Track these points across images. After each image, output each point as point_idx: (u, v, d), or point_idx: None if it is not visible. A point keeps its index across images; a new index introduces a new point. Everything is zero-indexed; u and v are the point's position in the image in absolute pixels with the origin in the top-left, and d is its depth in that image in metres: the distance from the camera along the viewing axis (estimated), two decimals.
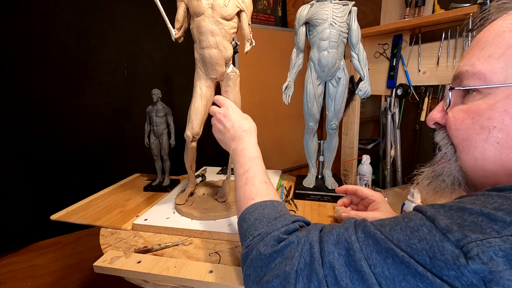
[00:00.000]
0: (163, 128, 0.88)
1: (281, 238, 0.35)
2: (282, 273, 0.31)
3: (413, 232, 0.26)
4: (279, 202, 0.44)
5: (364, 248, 0.27)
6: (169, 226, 0.66)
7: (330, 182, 0.86)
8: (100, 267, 0.53)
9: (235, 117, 0.57)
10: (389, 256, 0.25)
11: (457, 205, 0.26)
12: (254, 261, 0.35)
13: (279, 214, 0.41)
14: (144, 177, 1.04)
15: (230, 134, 0.56)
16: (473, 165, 0.33)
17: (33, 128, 0.96)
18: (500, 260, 0.20)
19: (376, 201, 0.62)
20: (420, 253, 0.24)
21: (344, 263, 0.28)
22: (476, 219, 0.24)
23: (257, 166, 0.49)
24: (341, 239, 0.30)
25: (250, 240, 0.38)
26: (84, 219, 0.72)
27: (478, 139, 0.32)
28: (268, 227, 0.38)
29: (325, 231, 0.33)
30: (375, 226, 0.29)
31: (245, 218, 0.42)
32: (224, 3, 0.61)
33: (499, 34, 0.32)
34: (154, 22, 1.15)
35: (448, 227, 0.24)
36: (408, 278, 0.24)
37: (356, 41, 0.76)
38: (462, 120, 0.34)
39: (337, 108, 0.80)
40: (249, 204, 0.43)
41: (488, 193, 0.26)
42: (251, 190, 0.45)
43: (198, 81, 0.69)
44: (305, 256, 0.31)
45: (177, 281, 0.50)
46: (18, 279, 1.01)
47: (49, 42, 0.96)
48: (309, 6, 0.76)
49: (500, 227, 0.22)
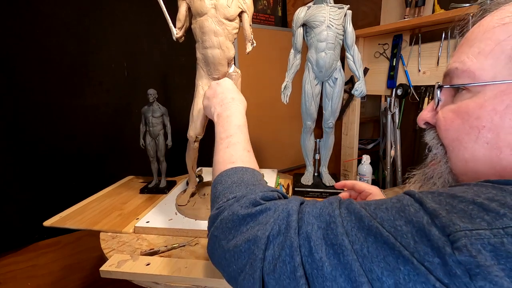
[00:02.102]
0: (159, 129, 0.87)
1: (258, 202, 0.33)
2: (253, 237, 0.29)
3: (399, 212, 0.24)
4: (260, 173, 0.42)
5: (346, 224, 0.26)
6: (173, 227, 0.66)
7: (327, 179, 0.89)
8: (108, 271, 0.52)
9: (227, 86, 0.55)
10: (371, 234, 0.24)
11: (448, 192, 0.24)
12: (225, 221, 0.33)
13: (258, 182, 0.38)
14: (139, 179, 1.02)
15: (219, 99, 0.53)
16: (464, 167, 0.32)
17: (33, 128, 0.96)
18: (488, 254, 0.19)
19: (373, 193, 0.63)
20: (405, 235, 0.22)
21: (322, 236, 0.26)
22: (466, 207, 0.22)
23: (242, 134, 0.46)
24: (324, 212, 0.28)
25: (223, 202, 0.35)
26: (80, 224, 0.71)
27: (467, 139, 0.31)
28: (246, 191, 0.35)
29: (308, 203, 0.31)
30: (360, 204, 0.28)
31: (222, 181, 0.39)
32: (227, 3, 0.61)
33: (488, 30, 0.31)
34: (154, 22, 1.15)
35: (436, 211, 0.22)
36: (389, 259, 0.22)
37: (351, 43, 0.79)
38: (451, 120, 0.33)
39: (334, 107, 0.83)
40: (228, 167, 0.40)
41: (481, 183, 0.25)
42: (232, 154, 0.43)
43: (200, 81, 0.69)
44: (281, 223, 0.29)
45: (189, 281, 0.50)
46: (18, 279, 1.01)
47: (49, 42, 0.96)
48: (306, 9, 0.78)
49: (491, 218, 0.21)
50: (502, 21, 0.30)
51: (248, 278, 0.28)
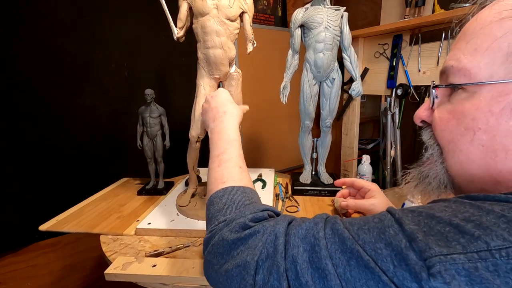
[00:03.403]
0: (157, 129, 0.86)
1: (247, 225, 0.33)
2: (243, 262, 0.29)
3: (380, 234, 0.24)
4: (252, 189, 0.42)
5: (330, 246, 0.26)
6: (175, 228, 0.65)
7: (325, 177, 0.90)
8: (113, 274, 0.51)
9: (221, 99, 0.56)
10: (353, 258, 0.24)
11: (427, 212, 0.24)
12: (216, 247, 0.33)
13: (249, 201, 0.38)
14: (135, 180, 1.01)
15: (212, 114, 0.54)
16: (459, 169, 0.31)
17: (33, 128, 0.96)
18: (462, 280, 0.19)
19: (371, 189, 0.65)
20: (385, 259, 0.23)
21: (308, 259, 0.26)
22: (443, 229, 0.22)
23: (234, 149, 0.46)
24: (309, 234, 0.28)
25: (215, 225, 0.36)
26: (79, 227, 0.70)
27: (463, 141, 0.30)
28: (236, 213, 0.35)
29: (294, 224, 0.31)
30: (344, 224, 0.28)
31: (214, 202, 0.39)
32: (229, 4, 0.61)
33: (485, 25, 0.29)
34: (154, 22, 1.15)
35: (414, 234, 0.22)
36: (370, 283, 0.23)
37: (348, 44, 0.81)
38: (447, 121, 0.32)
39: (332, 107, 0.85)
40: (219, 187, 0.41)
41: (461, 200, 0.25)
42: (223, 173, 0.43)
43: (202, 81, 0.69)
44: (268, 247, 0.29)
45: (198, 281, 0.50)
46: (18, 279, 1.00)
47: (49, 42, 0.96)
48: (304, 10, 0.79)
49: (466, 241, 0.21)
50: (499, 15, 0.28)
51: None
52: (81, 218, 0.74)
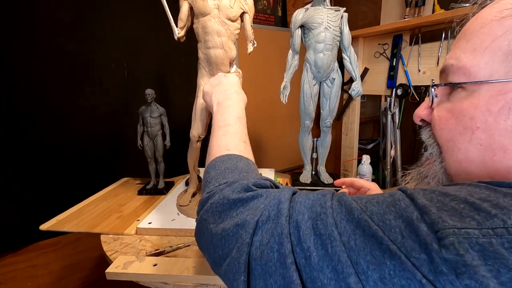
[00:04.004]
0: (157, 129, 0.86)
1: (250, 187, 0.32)
2: (241, 221, 0.28)
3: (389, 206, 0.24)
4: (254, 164, 0.41)
5: (336, 215, 0.25)
6: (176, 227, 0.65)
7: (325, 177, 0.91)
8: (114, 273, 0.51)
9: (234, 81, 0.55)
10: (359, 227, 0.23)
11: (440, 190, 0.24)
12: (215, 205, 0.32)
13: (252, 171, 0.38)
14: (135, 180, 1.02)
15: (222, 88, 0.53)
16: (458, 168, 0.31)
17: (33, 128, 0.96)
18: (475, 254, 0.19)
19: (371, 189, 0.63)
20: (393, 229, 0.22)
21: (311, 226, 0.25)
22: (457, 205, 0.21)
23: (241, 126, 0.46)
24: (316, 203, 0.27)
25: (215, 186, 0.34)
26: (79, 227, 0.70)
27: (461, 140, 0.30)
28: (239, 177, 0.35)
29: (300, 194, 0.30)
30: (352, 197, 0.27)
31: (215, 166, 0.38)
32: (230, 4, 0.62)
33: (485, 24, 0.29)
34: (154, 22, 1.15)
35: (426, 208, 0.22)
36: (376, 253, 0.22)
37: (348, 44, 0.81)
38: (446, 120, 0.32)
39: (332, 107, 0.85)
40: (223, 153, 0.40)
41: (476, 183, 0.24)
42: (228, 142, 0.42)
43: (202, 80, 0.69)
44: (271, 209, 0.28)
45: (199, 280, 0.50)
46: (18, 279, 1.00)
47: (49, 42, 0.96)
48: (304, 11, 0.80)
49: (482, 217, 0.20)
50: (500, 14, 0.28)
51: (233, 263, 0.27)
52: (81, 218, 0.74)
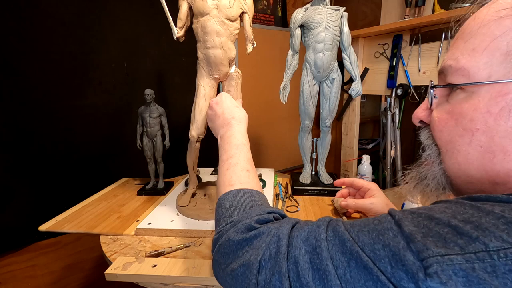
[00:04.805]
0: (157, 129, 0.86)
1: (253, 226, 0.34)
2: (246, 262, 0.30)
3: (379, 236, 0.25)
4: (259, 192, 0.43)
5: (331, 248, 0.26)
6: (176, 228, 0.65)
7: (325, 177, 0.90)
8: (114, 274, 0.51)
9: (227, 105, 0.57)
10: (352, 259, 0.25)
11: (426, 213, 0.25)
12: (223, 247, 0.34)
13: (255, 203, 0.40)
14: (134, 180, 1.01)
15: (220, 120, 0.56)
16: (457, 170, 0.31)
17: (33, 128, 0.96)
18: (459, 280, 0.19)
19: (371, 189, 0.65)
20: (383, 260, 0.23)
21: (309, 260, 0.27)
22: (442, 230, 0.22)
23: (242, 153, 0.48)
24: (311, 236, 0.29)
25: (222, 226, 0.37)
26: (79, 227, 0.70)
27: (461, 142, 0.30)
28: (242, 215, 0.37)
29: (298, 227, 0.32)
30: (345, 226, 0.28)
31: (222, 204, 0.41)
32: (229, 4, 0.62)
33: (483, 24, 0.28)
34: (154, 22, 1.15)
35: (412, 235, 0.23)
36: (369, 284, 0.23)
37: (348, 44, 0.81)
38: (445, 121, 0.32)
39: (331, 107, 0.85)
40: (227, 190, 0.42)
41: (461, 201, 0.25)
42: (231, 176, 0.44)
43: (202, 81, 0.69)
44: (271, 248, 0.30)
45: (199, 281, 0.50)
46: (18, 279, 1.00)
47: (49, 42, 0.96)
48: (304, 10, 0.80)
49: (464, 242, 0.21)
50: (498, 14, 0.27)
51: None
52: (81, 218, 0.74)
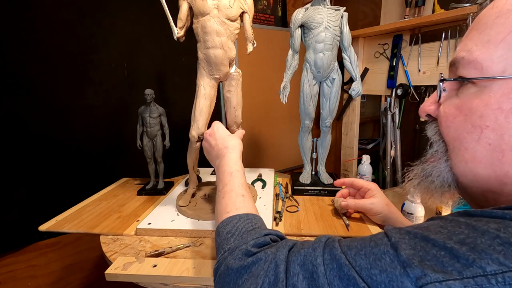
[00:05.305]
0: (157, 129, 0.86)
1: (250, 251, 0.34)
2: None
3: (376, 260, 0.24)
4: (255, 215, 0.44)
5: (328, 273, 0.26)
6: (176, 228, 0.65)
7: (325, 177, 0.90)
8: (114, 274, 0.51)
9: (219, 135, 0.59)
10: (350, 285, 0.24)
11: (422, 234, 0.24)
12: (223, 276, 0.34)
13: (252, 227, 0.40)
14: (134, 180, 1.01)
15: (215, 151, 0.58)
16: (464, 168, 0.30)
17: (33, 128, 0.96)
18: None
19: (371, 189, 0.65)
20: (379, 286, 0.23)
21: (307, 287, 0.27)
22: (438, 253, 0.22)
23: (236, 179, 0.49)
24: (308, 260, 0.28)
25: (221, 255, 0.37)
26: (79, 227, 0.70)
27: (469, 139, 0.28)
28: (239, 240, 0.37)
29: (294, 250, 0.31)
30: (342, 247, 0.28)
31: (219, 233, 0.41)
32: (229, 4, 0.62)
33: (501, 14, 0.26)
34: (154, 22, 1.15)
35: (409, 260, 0.22)
36: None
37: (348, 44, 0.81)
38: (453, 117, 0.30)
39: (332, 107, 0.85)
40: (223, 218, 0.43)
41: (456, 219, 0.24)
42: (227, 203, 0.45)
43: (202, 81, 0.69)
44: (270, 275, 0.29)
45: (199, 281, 0.50)
46: (18, 279, 1.00)
47: (49, 42, 0.96)
48: (304, 10, 0.80)
49: (462, 266, 0.20)
50: None
51: None
52: (81, 218, 0.74)
